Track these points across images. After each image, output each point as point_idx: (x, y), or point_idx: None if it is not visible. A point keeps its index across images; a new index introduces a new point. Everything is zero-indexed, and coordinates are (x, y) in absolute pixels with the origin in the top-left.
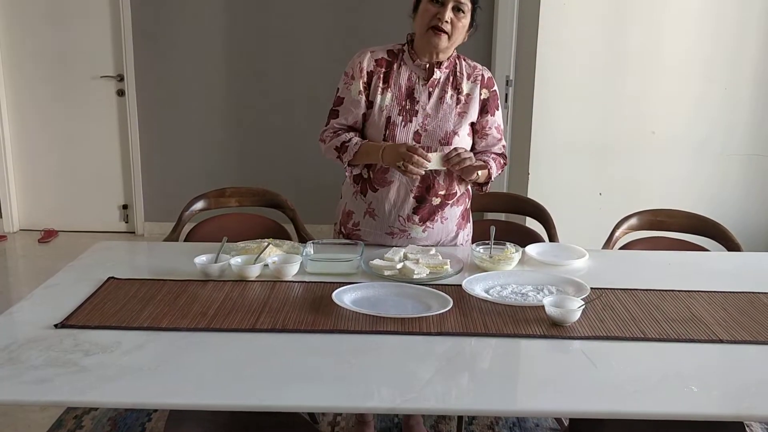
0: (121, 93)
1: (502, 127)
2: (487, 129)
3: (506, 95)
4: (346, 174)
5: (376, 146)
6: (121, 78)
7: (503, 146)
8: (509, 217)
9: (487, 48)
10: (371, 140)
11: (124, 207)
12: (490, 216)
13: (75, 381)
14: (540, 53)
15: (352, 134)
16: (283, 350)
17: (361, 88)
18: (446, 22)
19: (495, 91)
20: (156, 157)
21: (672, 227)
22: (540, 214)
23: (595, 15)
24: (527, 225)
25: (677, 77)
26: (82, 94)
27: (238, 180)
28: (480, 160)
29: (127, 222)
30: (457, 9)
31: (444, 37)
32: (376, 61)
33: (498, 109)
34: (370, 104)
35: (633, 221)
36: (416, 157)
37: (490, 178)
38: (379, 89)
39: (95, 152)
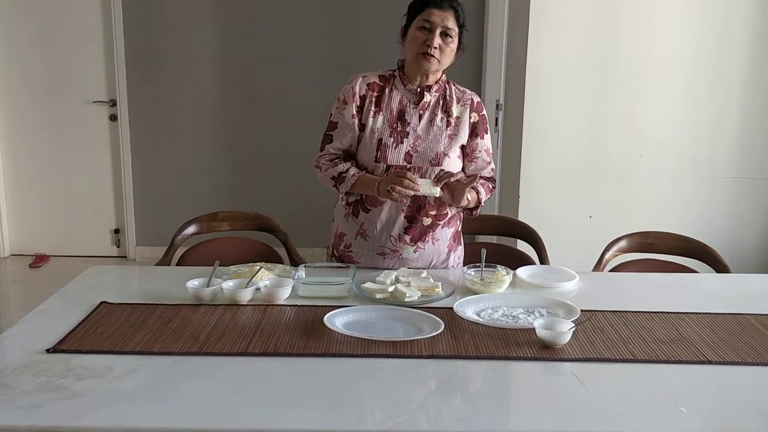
0: (113, 118)
1: (491, 150)
2: (476, 152)
3: (496, 119)
4: (341, 197)
5: (373, 179)
6: (113, 103)
7: (492, 169)
8: (500, 239)
9: (477, 73)
10: (363, 162)
11: (116, 231)
12: (482, 239)
13: (67, 406)
14: (529, 77)
15: (348, 164)
16: (274, 374)
17: (354, 112)
18: (435, 48)
19: (484, 115)
20: (148, 182)
21: (661, 249)
22: (531, 236)
23: (582, 40)
24: (518, 248)
25: (665, 100)
26: (74, 119)
27: (230, 204)
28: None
29: (118, 246)
30: (444, 34)
31: (434, 61)
32: (368, 85)
33: (487, 133)
34: (362, 127)
35: (622, 243)
36: (406, 181)
37: (480, 202)
38: (371, 112)
39: (87, 177)
